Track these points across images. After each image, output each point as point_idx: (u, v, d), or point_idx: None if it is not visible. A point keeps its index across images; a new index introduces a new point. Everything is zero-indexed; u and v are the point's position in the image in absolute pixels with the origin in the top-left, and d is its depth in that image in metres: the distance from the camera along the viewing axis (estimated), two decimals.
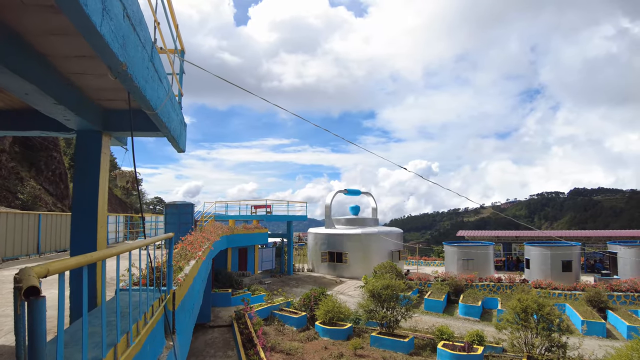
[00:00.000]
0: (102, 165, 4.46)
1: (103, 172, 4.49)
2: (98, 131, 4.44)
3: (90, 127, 4.31)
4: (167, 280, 4.16)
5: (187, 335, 5.01)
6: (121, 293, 4.19)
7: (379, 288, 13.70)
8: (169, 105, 4.09)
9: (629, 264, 22.46)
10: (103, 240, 4.45)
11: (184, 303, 4.99)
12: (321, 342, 13.68)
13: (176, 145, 4.94)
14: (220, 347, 12.89)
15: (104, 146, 4.49)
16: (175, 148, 5.09)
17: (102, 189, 4.49)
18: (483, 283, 21.99)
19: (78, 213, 4.38)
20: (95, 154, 4.42)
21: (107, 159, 4.60)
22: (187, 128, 5.50)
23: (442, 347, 12.08)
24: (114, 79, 2.60)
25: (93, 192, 4.37)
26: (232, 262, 23.66)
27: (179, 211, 15.72)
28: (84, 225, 4.32)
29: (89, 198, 4.37)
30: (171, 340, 3.98)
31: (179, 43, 5.41)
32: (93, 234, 4.28)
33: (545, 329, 11.09)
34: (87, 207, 4.36)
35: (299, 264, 32.24)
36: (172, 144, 4.93)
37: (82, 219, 4.35)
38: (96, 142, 4.42)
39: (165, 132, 4.25)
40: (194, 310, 6.05)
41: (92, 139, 4.41)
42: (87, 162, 4.42)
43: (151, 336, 3.28)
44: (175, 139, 4.67)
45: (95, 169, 4.40)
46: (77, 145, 4.47)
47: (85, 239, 4.25)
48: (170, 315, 4.17)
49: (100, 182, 4.43)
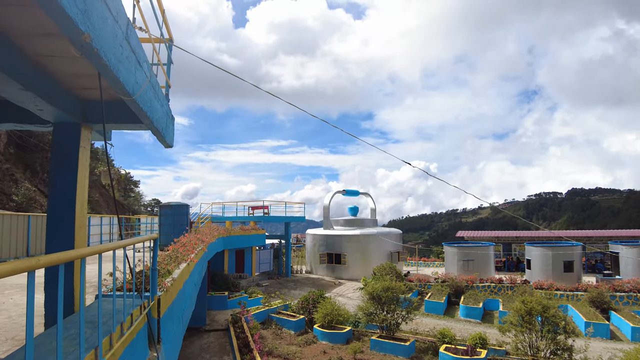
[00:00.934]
0: (81, 160, 4.11)
1: (82, 168, 4.14)
2: (76, 123, 4.08)
3: (67, 118, 3.96)
4: (151, 286, 3.81)
5: (175, 344, 4.66)
6: (96, 301, 3.83)
7: (379, 290, 13.36)
8: (151, 94, 3.76)
9: (631, 264, 22.20)
10: (82, 243, 4.10)
11: (171, 309, 4.64)
12: (320, 346, 13.32)
13: (161, 138, 4.59)
14: (215, 352, 12.52)
15: (83, 140, 4.14)
16: (161, 142, 4.74)
17: (81, 187, 4.13)
18: (484, 284, 21.68)
19: (54, 213, 4.02)
20: (73, 148, 4.07)
21: (87, 154, 4.25)
22: (174, 121, 5.15)
23: (444, 350, 11.74)
24: (80, 56, 2.26)
25: (70, 190, 4.01)
26: (229, 264, 23.27)
27: (173, 212, 15.34)
28: (61, 227, 3.96)
29: (67, 197, 4.01)
30: (155, 351, 3.62)
31: (166, 30, 5.07)
32: (70, 236, 3.92)
33: (551, 331, 10.77)
34: (65, 207, 4.01)
35: (297, 265, 31.86)
36: (157, 137, 4.58)
37: (59, 219, 3.99)
38: (74, 135, 4.07)
39: (148, 123, 3.90)
40: (184, 317, 5.69)
41: (70, 132, 4.06)
42: (65, 157, 4.06)
43: (130, 349, 2.93)
44: (160, 132, 4.32)
45: (73, 165, 4.05)
46: (54, 139, 4.12)
47: (62, 241, 3.89)
48: (154, 324, 3.81)
49: (79, 179, 4.07)
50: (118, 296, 3.15)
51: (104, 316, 2.96)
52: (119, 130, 4.68)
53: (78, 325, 2.76)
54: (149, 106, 3.65)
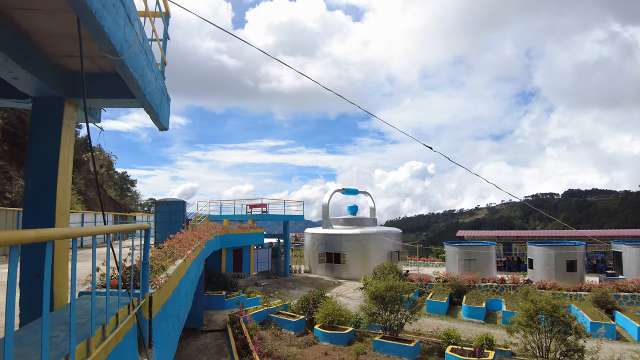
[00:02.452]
0: (64, 140, 3.64)
1: (65, 149, 3.67)
2: (59, 98, 3.61)
3: (48, 91, 3.50)
4: (142, 282, 3.35)
5: (169, 348, 4.20)
6: (81, 299, 3.36)
7: (382, 290, 12.93)
8: (144, 61, 3.30)
9: (634, 264, 21.91)
10: (64, 257, 3.62)
11: (165, 309, 4.18)
12: (321, 347, 12.87)
13: (155, 118, 4.12)
14: (213, 353, 12.03)
15: (66, 117, 3.67)
16: (155, 122, 4.27)
17: (64, 170, 3.66)
18: (486, 284, 21.32)
19: (32, 199, 3.54)
20: (55, 126, 3.59)
21: (72, 134, 3.78)
22: (170, 102, 4.69)
23: (450, 352, 11.33)
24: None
25: (51, 174, 3.54)
26: (227, 263, 22.78)
27: (169, 209, 14.83)
28: (40, 214, 3.48)
29: (47, 181, 3.53)
30: (146, 356, 3.16)
31: (163, 3, 4.61)
32: (50, 225, 3.44)
33: (561, 332, 10.38)
34: (44, 192, 3.53)
35: (296, 265, 31.38)
36: (150, 116, 4.11)
37: (38, 206, 3.52)
38: (56, 112, 3.60)
39: (140, 96, 3.44)
40: (179, 317, 5.23)
41: (52, 108, 3.58)
42: (46, 136, 3.59)
43: (115, 354, 2.48)
44: (154, 109, 3.85)
45: (54, 145, 3.58)
46: (33, 115, 3.64)
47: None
48: (145, 325, 3.35)
49: (61, 161, 3.60)
50: (101, 294, 2.70)
51: (84, 317, 2.50)
52: (109, 107, 4.21)
53: (52, 327, 2.28)
54: (140, 74, 3.19)
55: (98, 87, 3.70)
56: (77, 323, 2.42)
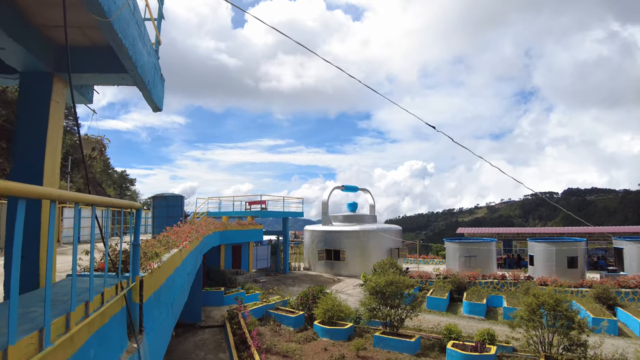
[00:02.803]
0: (52, 117, 3.48)
1: (54, 127, 3.51)
2: (48, 73, 3.45)
3: (37, 65, 3.34)
4: (132, 264, 3.19)
5: (162, 335, 4.04)
6: (64, 280, 3.21)
7: (383, 284, 12.78)
8: (135, 30, 3.14)
9: (635, 260, 21.79)
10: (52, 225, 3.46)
11: (158, 296, 4.02)
12: (320, 343, 12.73)
13: (148, 96, 3.95)
14: (211, 349, 11.89)
15: (55, 93, 3.51)
16: (148, 101, 4.10)
17: (52, 149, 3.50)
18: (486, 280, 21.20)
19: (18, 179, 3.38)
20: (43, 102, 3.43)
21: (61, 111, 3.62)
22: (164, 84, 4.52)
23: (451, 347, 11.19)
24: None
25: (38, 152, 3.38)
26: (225, 259, 22.63)
27: (167, 203, 14.66)
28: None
29: (34, 159, 3.38)
30: (136, 341, 3.01)
31: None
32: (36, 217, 3.28)
33: (564, 326, 10.24)
34: (31, 172, 3.37)
35: (295, 262, 31.25)
36: (143, 94, 3.94)
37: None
38: (45, 88, 3.44)
39: (131, 68, 3.27)
40: (174, 307, 5.07)
41: (40, 83, 3.42)
42: (33, 113, 3.43)
43: (99, 335, 2.32)
44: (147, 86, 3.69)
45: (42, 123, 3.42)
46: (21, 92, 3.48)
47: (26, 225, 3.25)
48: (135, 310, 3.20)
49: (48, 139, 3.44)
50: (87, 276, 2.54)
51: (68, 295, 2.34)
52: (100, 84, 4.04)
53: (32, 303, 2.14)
54: (131, 43, 3.03)
55: (88, 61, 3.54)
56: (59, 300, 2.27)
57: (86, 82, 3.98)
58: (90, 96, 4.48)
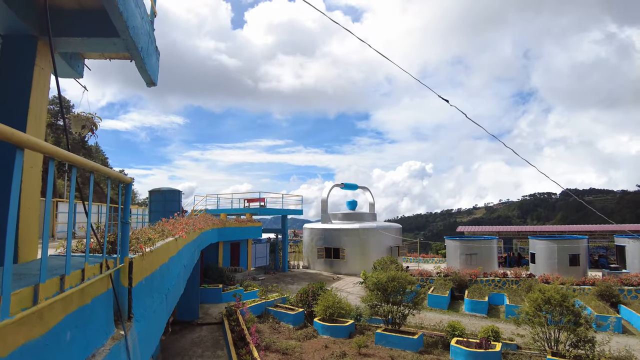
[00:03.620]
0: (36, 84, 3.18)
1: (37, 96, 3.20)
2: (32, 36, 3.16)
3: (20, 27, 3.04)
4: (120, 244, 2.90)
5: (154, 325, 3.74)
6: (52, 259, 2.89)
7: (385, 280, 12.50)
8: None
9: (637, 258, 21.60)
10: (34, 188, 3.16)
11: (151, 282, 3.72)
12: (321, 341, 12.44)
13: (142, 65, 3.65)
14: (208, 346, 11.58)
15: (40, 59, 3.21)
16: (142, 74, 3.80)
17: (34, 119, 3.19)
18: (488, 278, 20.96)
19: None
20: (26, 68, 3.13)
21: (46, 79, 3.32)
22: (159, 57, 4.23)
23: (455, 344, 10.92)
24: None
25: (20, 120, 3.08)
26: (224, 257, 22.32)
27: (164, 198, 14.33)
28: (4, 171, 3.01)
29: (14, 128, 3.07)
30: (123, 329, 2.71)
31: None
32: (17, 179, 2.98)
33: (571, 322, 9.98)
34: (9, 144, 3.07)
35: (294, 261, 30.94)
36: (136, 63, 3.64)
37: (2, 160, 3.05)
38: (29, 52, 3.14)
39: (123, 29, 2.98)
40: (168, 298, 4.77)
41: (23, 47, 3.12)
42: (14, 79, 3.13)
43: (78, 316, 2.03)
44: (140, 53, 3.39)
45: (24, 90, 3.12)
46: (2, 56, 3.17)
47: (3, 186, 2.95)
48: (124, 294, 2.90)
49: (31, 107, 3.14)
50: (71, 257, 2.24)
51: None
52: (89, 50, 3.74)
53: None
54: (122, 1, 2.74)
55: (76, 24, 3.25)
56: (32, 275, 1.97)
57: (74, 49, 3.66)
58: (81, 69, 4.17)
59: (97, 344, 2.33)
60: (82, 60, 4.18)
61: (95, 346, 2.29)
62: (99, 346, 2.33)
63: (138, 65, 3.68)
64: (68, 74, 4.12)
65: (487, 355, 10.31)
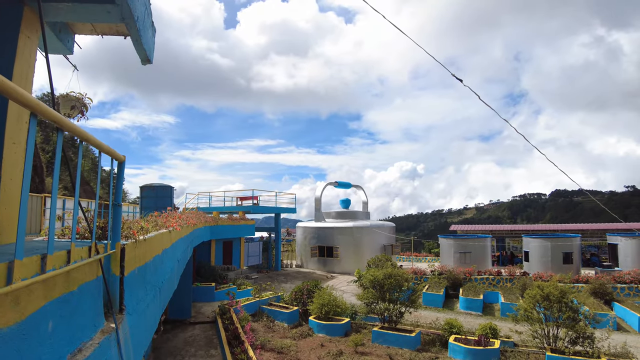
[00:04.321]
0: (20, 53, 2.88)
1: (22, 65, 2.90)
2: (18, 1, 2.86)
3: None
4: (112, 228, 2.63)
5: (146, 319, 3.46)
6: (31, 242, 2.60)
7: (381, 277, 12.31)
8: None
9: (630, 256, 21.80)
10: (16, 165, 2.87)
11: (144, 273, 3.45)
12: (316, 339, 12.20)
13: (138, 38, 3.37)
14: (201, 345, 11.26)
15: (26, 27, 2.91)
16: (137, 49, 3.51)
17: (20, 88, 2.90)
18: (482, 276, 20.94)
19: None
20: (10, 34, 2.84)
21: (32, 50, 3.02)
22: (155, 34, 3.94)
23: (453, 341, 10.78)
24: None
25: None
26: (216, 255, 21.93)
27: (156, 194, 13.96)
28: None
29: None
30: (114, 321, 2.44)
31: None
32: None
33: (570, 318, 9.90)
34: None
35: (287, 260, 30.64)
36: (132, 36, 3.36)
37: None
38: (14, 18, 2.84)
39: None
40: (162, 292, 4.49)
41: (7, 12, 2.83)
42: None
43: (61, 305, 1.76)
44: (136, 24, 3.12)
45: (8, 58, 2.82)
46: None
47: None
48: (115, 284, 2.63)
49: (14, 78, 2.84)
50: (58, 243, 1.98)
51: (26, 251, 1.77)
52: (81, 20, 3.43)
53: None
54: None
55: None
56: (10, 254, 1.69)
57: (64, 18, 3.35)
58: (70, 45, 3.86)
59: (85, 337, 2.06)
60: (72, 36, 3.88)
61: (82, 339, 2.02)
62: (86, 340, 2.06)
63: (134, 38, 3.39)
64: (57, 49, 3.81)
65: (486, 352, 10.19)
